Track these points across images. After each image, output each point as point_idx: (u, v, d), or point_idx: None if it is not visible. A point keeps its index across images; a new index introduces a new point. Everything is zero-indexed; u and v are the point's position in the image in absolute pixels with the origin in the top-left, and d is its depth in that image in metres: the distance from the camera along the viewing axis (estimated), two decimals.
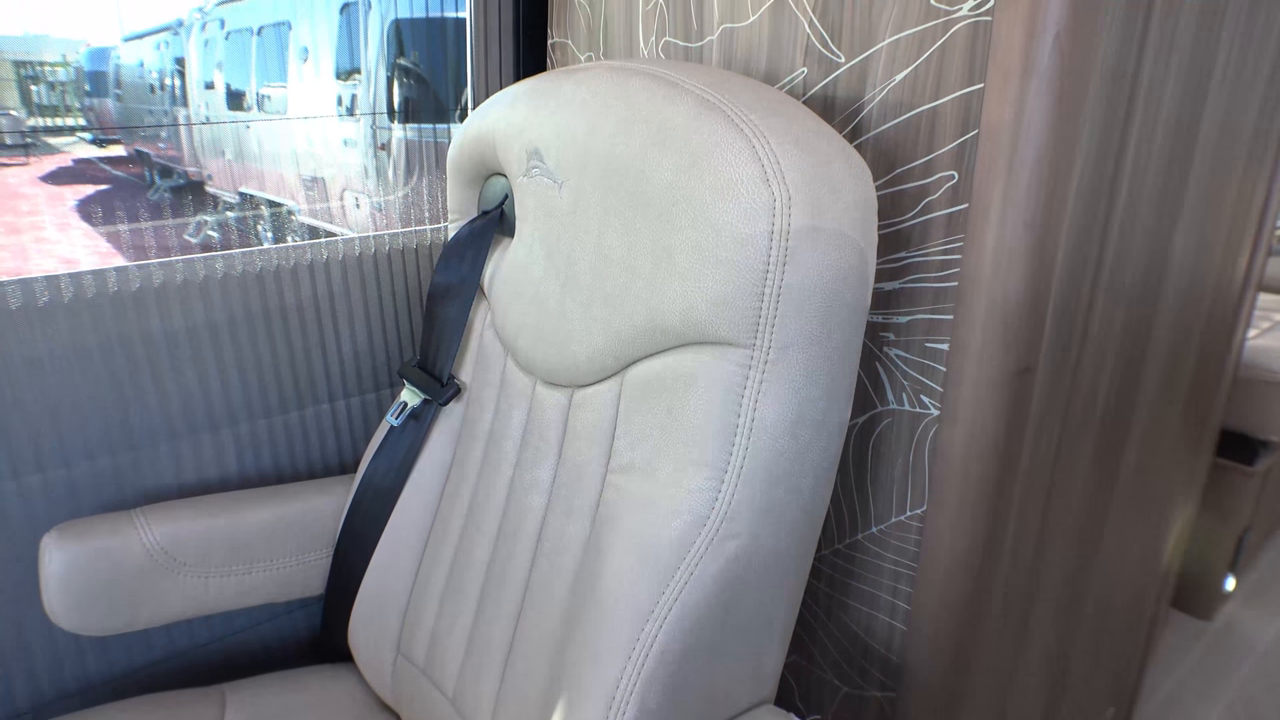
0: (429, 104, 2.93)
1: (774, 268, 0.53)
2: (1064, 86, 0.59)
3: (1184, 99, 0.72)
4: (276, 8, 3.75)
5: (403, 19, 2.96)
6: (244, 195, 4.26)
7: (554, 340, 0.67)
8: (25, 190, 5.94)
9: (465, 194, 0.81)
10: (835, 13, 0.68)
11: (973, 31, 0.60)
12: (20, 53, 6.05)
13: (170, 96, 5.19)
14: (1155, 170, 0.73)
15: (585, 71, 0.65)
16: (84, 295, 0.77)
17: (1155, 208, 0.75)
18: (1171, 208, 0.78)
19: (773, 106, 0.57)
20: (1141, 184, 0.71)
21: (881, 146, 0.67)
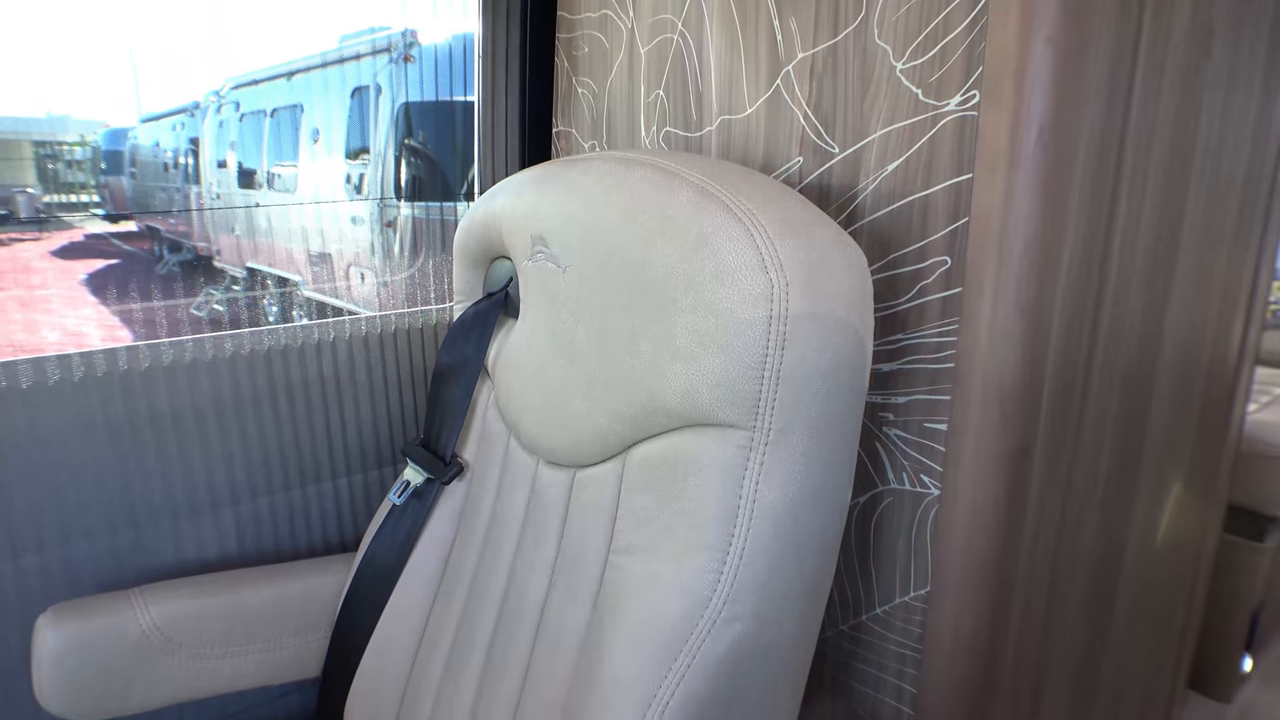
0: (436, 183, 3.00)
1: (773, 351, 0.54)
2: (1049, 177, 0.61)
3: (1167, 182, 0.75)
4: (290, 91, 3.88)
5: (412, 102, 3.06)
6: (251, 270, 4.33)
7: (557, 420, 0.68)
8: (36, 264, 6.04)
9: (471, 276, 0.83)
10: (828, 106, 0.71)
11: (960, 125, 0.62)
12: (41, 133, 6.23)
13: (183, 175, 5.33)
14: (1143, 250, 0.74)
15: (589, 161, 0.68)
16: (94, 373, 0.79)
17: (1145, 286, 0.77)
18: (1162, 286, 0.79)
19: (770, 196, 0.59)
20: (1131, 264, 0.73)
21: (876, 233, 0.69)
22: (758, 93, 0.76)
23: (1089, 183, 0.65)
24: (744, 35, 0.77)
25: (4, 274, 5.78)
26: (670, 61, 0.85)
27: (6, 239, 6.17)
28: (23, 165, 6.27)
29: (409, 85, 3.01)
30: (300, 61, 3.78)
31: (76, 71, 5.37)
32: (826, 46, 0.70)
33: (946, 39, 0.62)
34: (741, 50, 0.77)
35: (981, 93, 0.61)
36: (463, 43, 1.06)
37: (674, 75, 0.85)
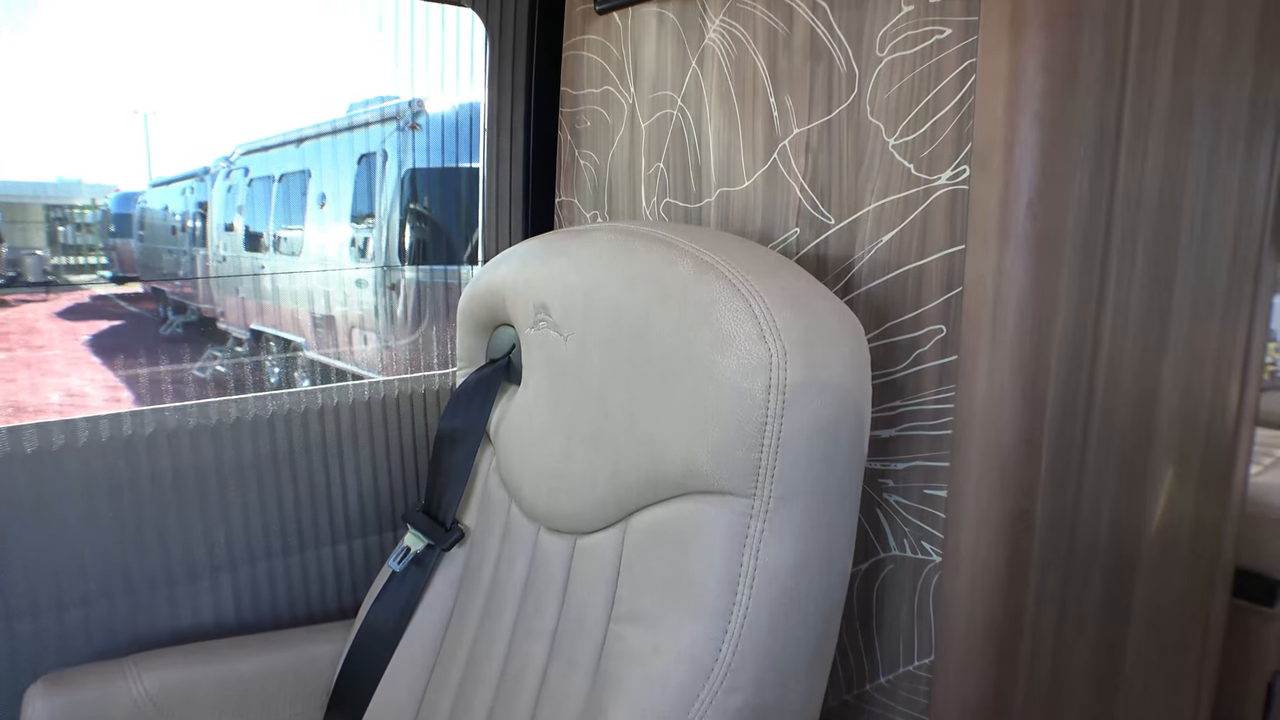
0: (439, 247, 3.05)
1: (772, 419, 0.54)
2: (1039, 247, 0.63)
3: (1157, 248, 0.76)
4: (298, 157, 3.97)
5: (418, 168, 3.13)
6: (255, 332, 4.36)
7: (558, 487, 0.69)
8: (40, 325, 6.08)
9: (474, 342, 0.84)
10: (824, 179, 0.73)
11: (952, 198, 0.64)
12: (53, 197, 6.35)
13: (190, 237, 5.42)
14: (1136, 315, 0.76)
15: (591, 232, 0.70)
16: (98, 438, 0.79)
17: (1139, 350, 0.78)
18: (1155, 349, 0.80)
19: (768, 266, 0.60)
20: (1124, 329, 0.74)
21: (872, 302, 0.70)
22: (755, 166, 0.79)
23: (1079, 251, 0.66)
24: (741, 111, 0.80)
25: (8, 335, 5.82)
26: (670, 135, 0.88)
27: (13, 300, 6.24)
28: (34, 228, 6.38)
29: (415, 152, 3.09)
30: (309, 129, 3.87)
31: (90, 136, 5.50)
32: (821, 123, 0.73)
33: (936, 116, 0.65)
34: (739, 125, 0.80)
35: (971, 167, 0.63)
36: (469, 111, 1.09)
37: (674, 149, 0.87)
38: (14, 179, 6.12)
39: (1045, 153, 0.62)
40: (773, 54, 0.76)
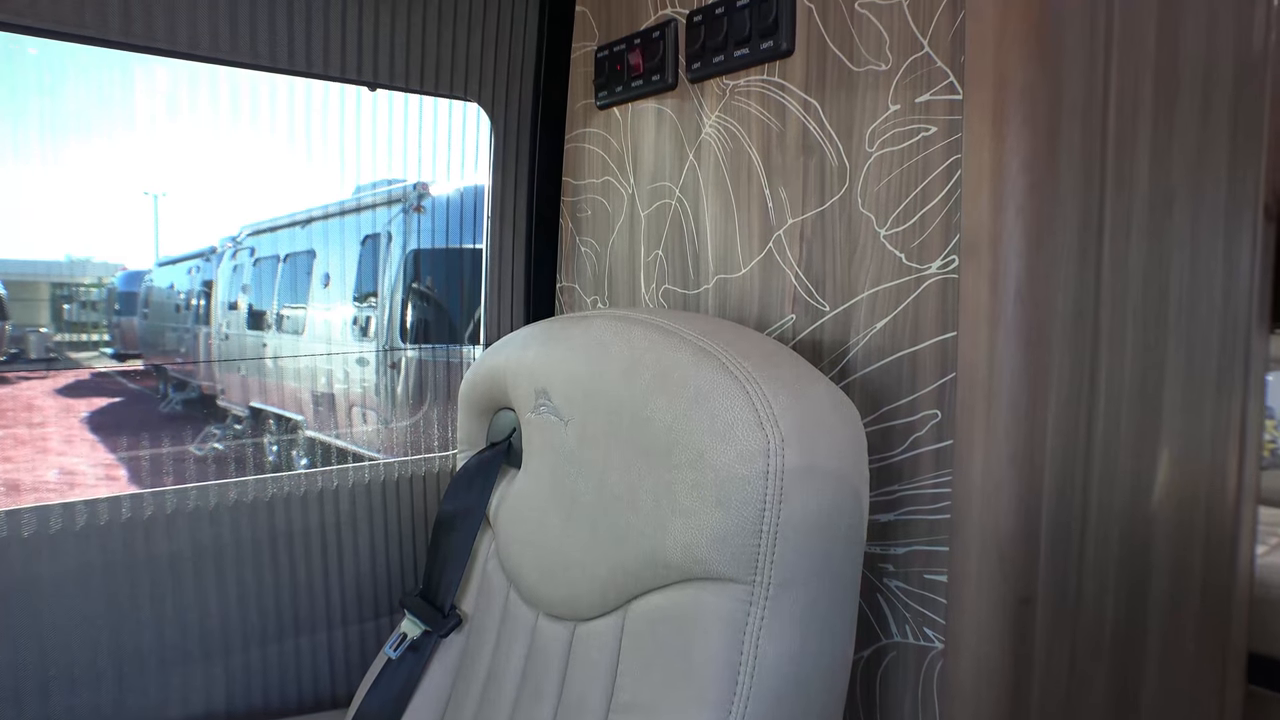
0: (440, 326, 3.08)
1: (770, 506, 0.55)
2: (1029, 335, 0.64)
3: (1145, 335, 0.78)
4: (304, 238, 4.05)
5: (420, 249, 3.19)
6: (254, 410, 4.36)
7: (557, 572, 0.68)
8: (39, 402, 6.08)
9: (475, 425, 0.85)
10: (818, 267, 0.75)
11: (942, 286, 0.66)
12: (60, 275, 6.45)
13: (194, 315, 5.47)
14: (1129, 399, 0.77)
15: (591, 318, 0.71)
16: (96, 521, 0.79)
17: (1134, 435, 0.78)
18: (1150, 433, 0.81)
19: (764, 353, 0.62)
20: (1117, 414, 0.75)
21: (868, 387, 0.71)
22: (751, 254, 0.81)
23: (1069, 338, 0.68)
24: (737, 201, 0.82)
25: (6, 412, 5.81)
26: (669, 224, 0.91)
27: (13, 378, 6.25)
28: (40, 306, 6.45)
29: (418, 233, 3.16)
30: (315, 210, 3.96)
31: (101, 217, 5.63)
32: (815, 214, 0.75)
33: (925, 209, 0.67)
34: (735, 215, 0.83)
35: (960, 258, 0.65)
36: (472, 194, 1.13)
37: (672, 237, 0.90)
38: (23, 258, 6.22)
39: (1030, 245, 0.64)
40: (767, 148, 0.79)
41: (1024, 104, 0.64)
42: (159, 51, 0.83)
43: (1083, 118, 0.67)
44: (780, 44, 0.76)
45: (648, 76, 0.91)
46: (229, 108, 1.16)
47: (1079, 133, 0.67)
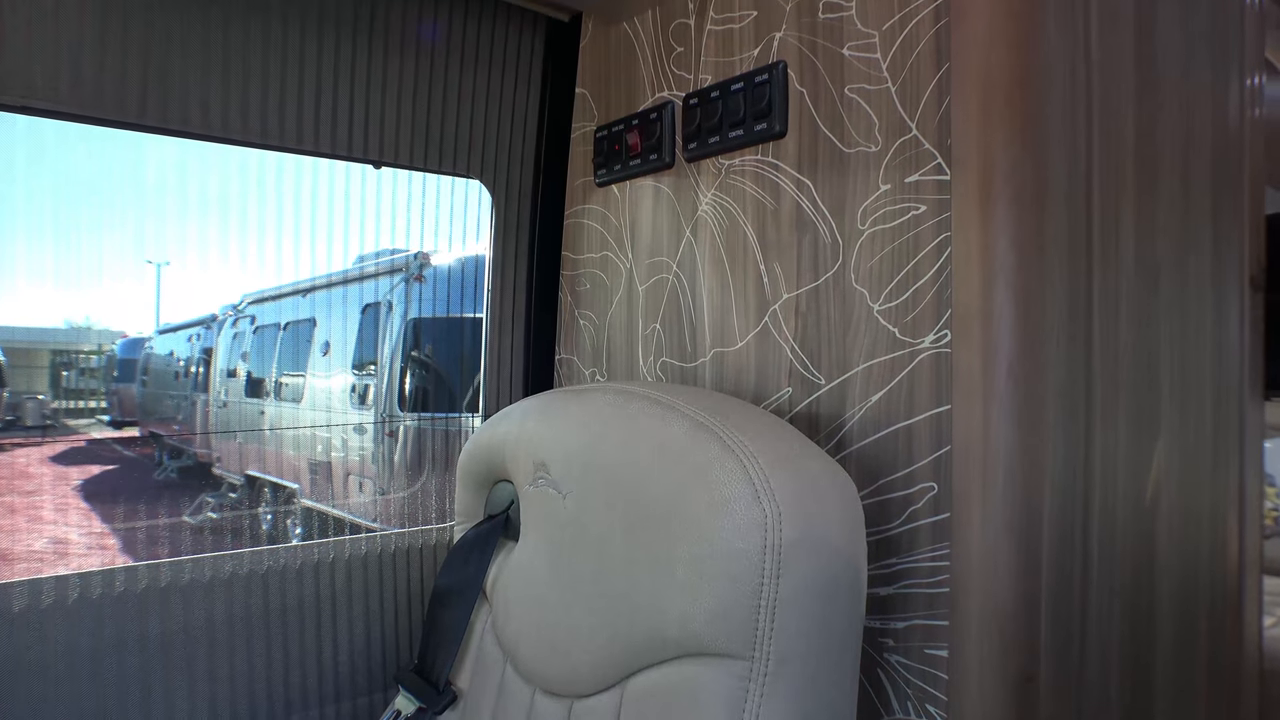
0: (439, 394, 3.09)
1: (768, 581, 0.55)
2: (1022, 409, 0.65)
3: (1138, 405, 0.79)
4: (304, 306, 4.09)
5: (420, 317, 3.22)
6: (250, 478, 4.33)
7: (554, 647, 0.68)
8: (32, 470, 6.03)
9: (473, 497, 0.85)
10: (813, 341, 0.76)
11: (936, 360, 0.67)
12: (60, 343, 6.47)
13: (193, 383, 5.47)
14: (1124, 472, 0.77)
15: (590, 392, 0.72)
16: (89, 595, 0.78)
17: (1132, 506, 0.78)
18: (1148, 505, 0.81)
19: (761, 428, 0.62)
20: (1114, 486, 0.75)
21: (864, 460, 0.72)
22: (748, 328, 0.83)
23: (1062, 411, 0.69)
24: (733, 277, 0.84)
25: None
26: (666, 298, 0.92)
27: (9, 444, 6.21)
28: (38, 373, 6.45)
29: (417, 302, 3.19)
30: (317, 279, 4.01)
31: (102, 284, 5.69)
32: (809, 289, 0.77)
33: (917, 284, 0.69)
34: (732, 290, 0.84)
35: (952, 332, 0.66)
36: (472, 263, 1.15)
37: (670, 310, 0.92)
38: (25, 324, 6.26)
39: (1021, 319, 0.65)
40: (762, 225, 0.82)
41: (1009, 185, 0.66)
42: (173, 133, 0.86)
43: (1067, 196, 0.69)
44: (773, 126, 0.79)
45: (645, 156, 0.94)
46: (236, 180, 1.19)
47: (1064, 210, 0.69)
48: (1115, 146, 0.74)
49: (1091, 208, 0.72)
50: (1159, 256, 0.80)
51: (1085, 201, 0.71)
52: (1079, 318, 0.71)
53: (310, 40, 0.93)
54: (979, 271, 0.65)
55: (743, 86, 0.82)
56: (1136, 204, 0.77)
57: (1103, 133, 0.73)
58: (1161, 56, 0.80)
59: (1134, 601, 0.80)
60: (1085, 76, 0.71)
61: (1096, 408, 0.73)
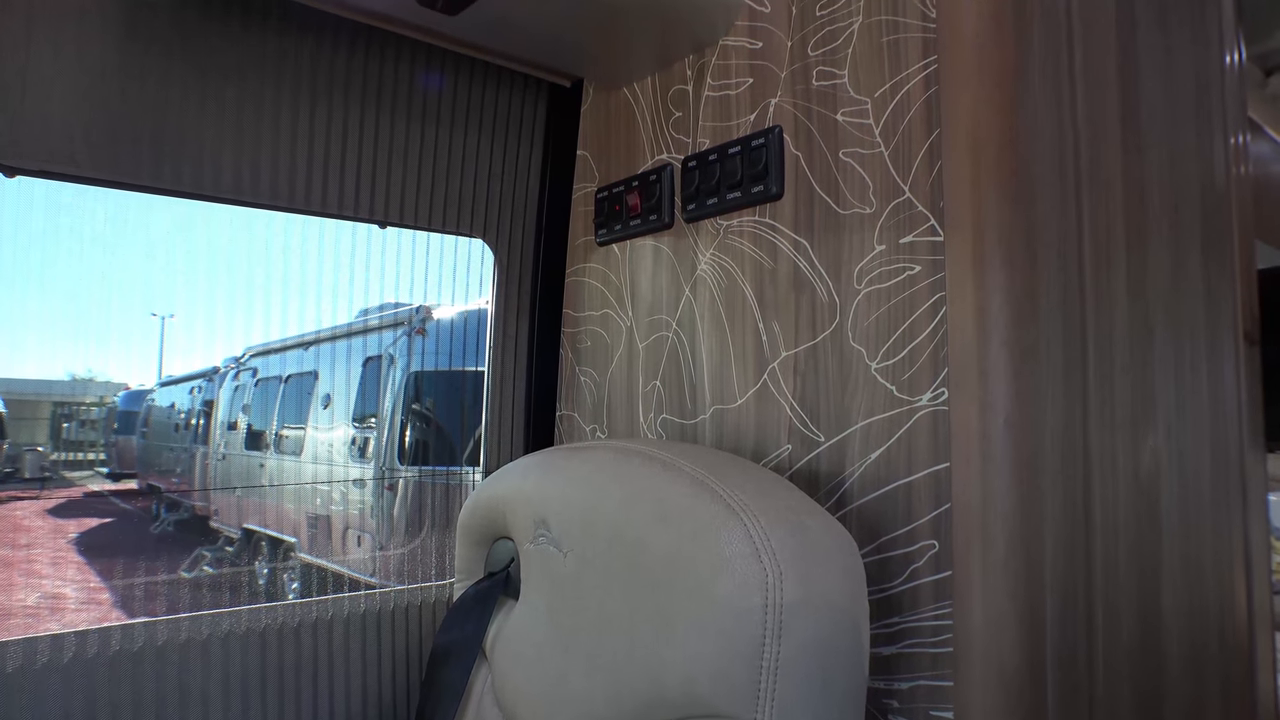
0: (439, 447, 3.08)
1: (770, 640, 0.55)
2: (1020, 466, 0.65)
3: (1137, 461, 0.79)
4: (306, 359, 4.11)
5: (421, 370, 3.24)
6: (247, 531, 4.30)
7: (555, 708, 0.67)
8: (28, 523, 5.98)
9: (473, 554, 0.84)
10: (812, 399, 0.77)
11: (934, 418, 0.68)
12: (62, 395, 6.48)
13: (193, 435, 5.47)
14: (1125, 529, 0.77)
15: (591, 449, 0.73)
16: (84, 654, 0.78)
17: (1135, 564, 0.78)
18: (1151, 561, 0.81)
19: (761, 485, 0.63)
20: (1115, 544, 0.75)
21: (865, 517, 0.72)
22: (747, 385, 0.83)
23: (1060, 468, 0.69)
24: (732, 335, 0.85)
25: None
26: (666, 356, 0.93)
27: (5, 497, 6.17)
28: (39, 425, 6.44)
29: (419, 355, 3.21)
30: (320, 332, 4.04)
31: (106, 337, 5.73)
32: (807, 347, 0.78)
33: (913, 343, 0.70)
34: (731, 347, 0.85)
35: (949, 390, 0.67)
36: (474, 317, 1.16)
37: (669, 368, 0.93)
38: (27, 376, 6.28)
39: (1016, 376, 0.66)
40: (760, 284, 0.83)
41: (1002, 245, 0.67)
42: (184, 195, 0.88)
43: (1059, 254, 0.71)
44: (770, 188, 0.81)
45: (645, 216, 0.96)
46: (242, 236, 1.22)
47: (1057, 268, 0.70)
48: (1105, 205, 0.76)
49: (1084, 265, 0.73)
50: (1152, 311, 0.82)
51: (1077, 259, 0.73)
52: (1075, 373, 0.71)
53: (320, 105, 0.95)
54: (974, 330, 0.66)
55: (740, 150, 0.84)
56: (1128, 260, 0.79)
57: (1092, 192, 0.75)
58: (1147, 117, 0.82)
59: (1142, 661, 0.79)
60: (1073, 138, 0.73)
61: (1094, 465, 0.74)
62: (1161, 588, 0.83)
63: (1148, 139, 0.82)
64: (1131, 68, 0.81)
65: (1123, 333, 0.77)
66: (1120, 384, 0.77)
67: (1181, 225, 0.86)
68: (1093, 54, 0.76)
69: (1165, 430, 0.84)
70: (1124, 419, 0.78)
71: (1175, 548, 0.85)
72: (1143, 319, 0.80)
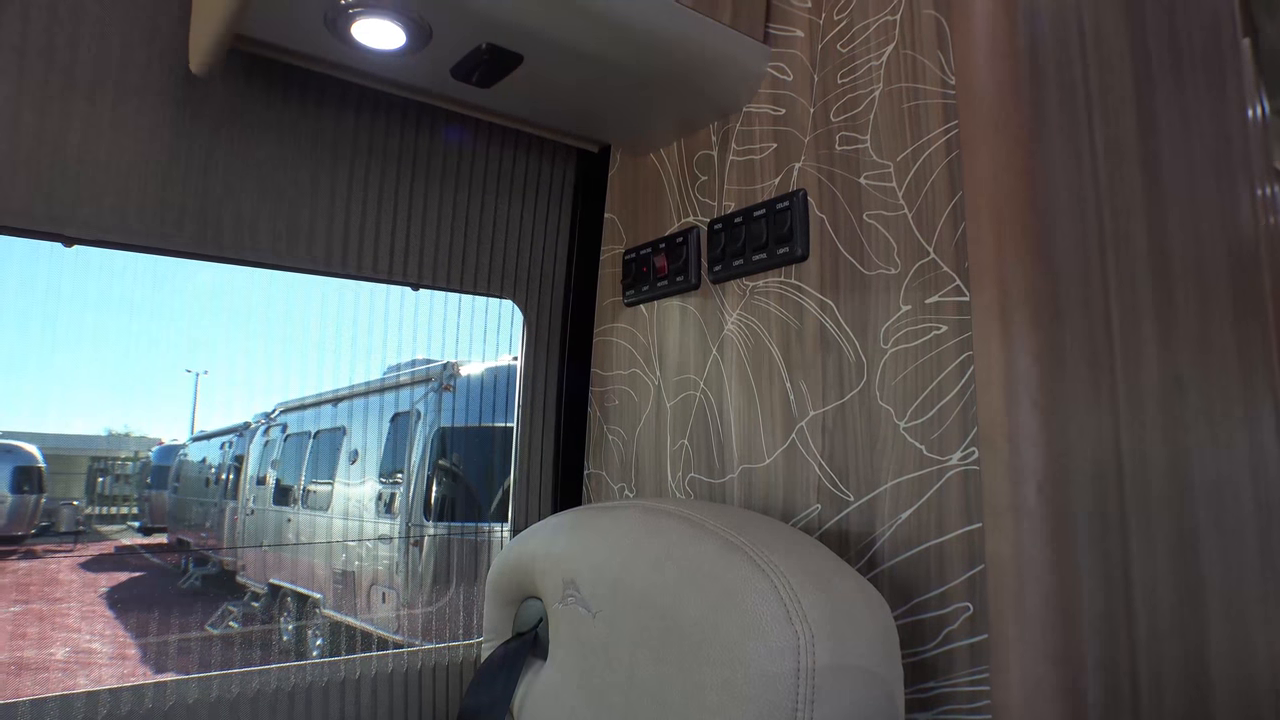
0: (465, 503, 3.08)
1: (802, 706, 0.54)
2: (1054, 527, 0.64)
3: (1174, 524, 0.77)
4: (335, 415, 4.16)
5: (448, 427, 3.26)
6: (273, 586, 4.30)
7: None
8: (62, 577, 6.05)
9: (501, 614, 0.84)
10: (841, 457, 0.77)
11: (964, 478, 0.67)
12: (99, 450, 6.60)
13: (223, 490, 5.52)
14: (1165, 586, 0.75)
15: (620, 509, 0.73)
16: (118, 712, 0.78)
17: (1178, 624, 0.76)
18: (1196, 627, 0.79)
19: (792, 546, 0.63)
20: (1155, 602, 0.74)
21: (897, 579, 0.71)
22: (775, 444, 0.84)
23: (1096, 530, 0.68)
24: (760, 394, 0.86)
25: (28, 587, 5.77)
26: (694, 415, 0.94)
27: (41, 550, 6.25)
28: (75, 480, 6.55)
29: (447, 411, 3.23)
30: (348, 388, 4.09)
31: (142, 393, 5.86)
32: (835, 406, 0.78)
33: (942, 402, 0.70)
34: (758, 406, 0.86)
35: (979, 450, 0.67)
36: (504, 373, 1.18)
37: (697, 427, 0.93)
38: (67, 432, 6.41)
39: (1047, 437, 0.66)
40: (786, 344, 0.84)
41: (1027, 304, 0.68)
42: (225, 260, 0.91)
43: (1085, 312, 0.71)
44: (795, 250, 0.82)
45: (672, 277, 0.97)
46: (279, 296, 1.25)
47: (1083, 326, 0.70)
48: (1129, 261, 0.76)
49: (1111, 321, 0.73)
50: (1182, 368, 0.81)
51: (1104, 316, 0.73)
52: (1106, 432, 0.71)
53: (358, 172, 0.99)
54: (1002, 390, 0.66)
55: (765, 213, 0.86)
56: (1156, 316, 0.78)
57: (1116, 248, 0.75)
58: (1168, 173, 0.83)
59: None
60: (1094, 197, 0.74)
61: (1132, 527, 0.72)
62: (1209, 654, 0.80)
63: (1170, 194, 0.83)
64: (1150, 126, 0.82)
65: (1154, 390, 0.77)
66: (1153, 441, 0.76)
67: (1209, 278, 0.86)
68: (1110, 114, 0.78)
69: (1204, 491, 0.83)
70: (1160, 477, 0.77)
71: (1221, 612, 0.83)
72: (1174, 375, 0.80)
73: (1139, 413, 0.75)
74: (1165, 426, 0.78)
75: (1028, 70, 0.71)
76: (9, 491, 5.85)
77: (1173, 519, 0.78)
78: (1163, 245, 0.81)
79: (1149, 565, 0.74)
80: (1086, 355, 0.70)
